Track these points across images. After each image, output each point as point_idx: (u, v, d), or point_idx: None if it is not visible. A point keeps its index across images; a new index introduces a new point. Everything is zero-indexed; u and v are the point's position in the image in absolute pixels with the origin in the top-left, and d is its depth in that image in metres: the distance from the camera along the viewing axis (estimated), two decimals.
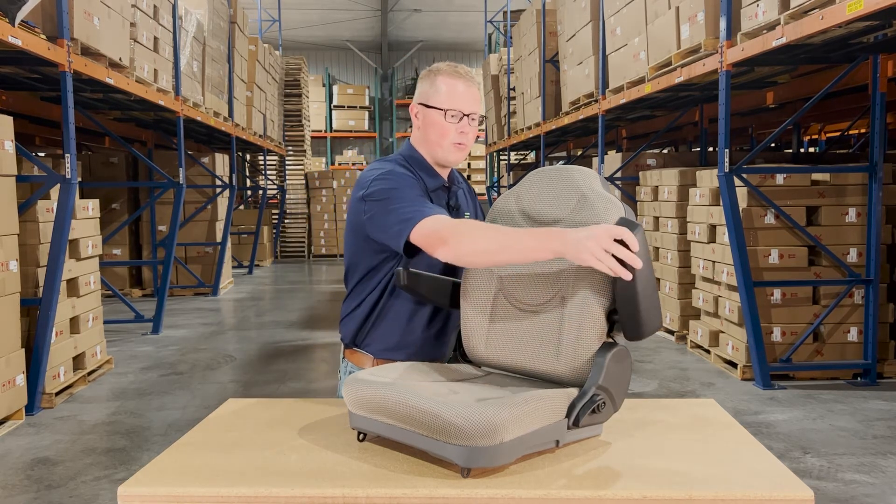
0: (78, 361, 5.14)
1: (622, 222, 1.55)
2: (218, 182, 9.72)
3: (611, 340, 1.68)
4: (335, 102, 20.30)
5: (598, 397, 1.63)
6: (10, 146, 4.26)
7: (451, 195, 2.11)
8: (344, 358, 2.11)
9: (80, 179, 5.84)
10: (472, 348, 1.89)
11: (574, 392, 1.64)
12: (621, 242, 1.51)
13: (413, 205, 1.86)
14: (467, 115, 2.03)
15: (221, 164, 9.95)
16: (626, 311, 1.62)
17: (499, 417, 1.48)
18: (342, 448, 1.66)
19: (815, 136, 11.89)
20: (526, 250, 1.62)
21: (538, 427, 1.55)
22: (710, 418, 1.88)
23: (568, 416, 1.61)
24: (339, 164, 19.41)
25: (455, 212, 2.10)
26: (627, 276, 1.51)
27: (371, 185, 1.94)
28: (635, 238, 1.51)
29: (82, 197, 5.49)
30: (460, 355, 1.97)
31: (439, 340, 2.06)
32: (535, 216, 1.85)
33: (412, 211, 1.83)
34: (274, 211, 14.54)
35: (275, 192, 14.58)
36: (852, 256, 5.06)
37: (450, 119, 2.02)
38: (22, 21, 4.10)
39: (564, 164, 8.44)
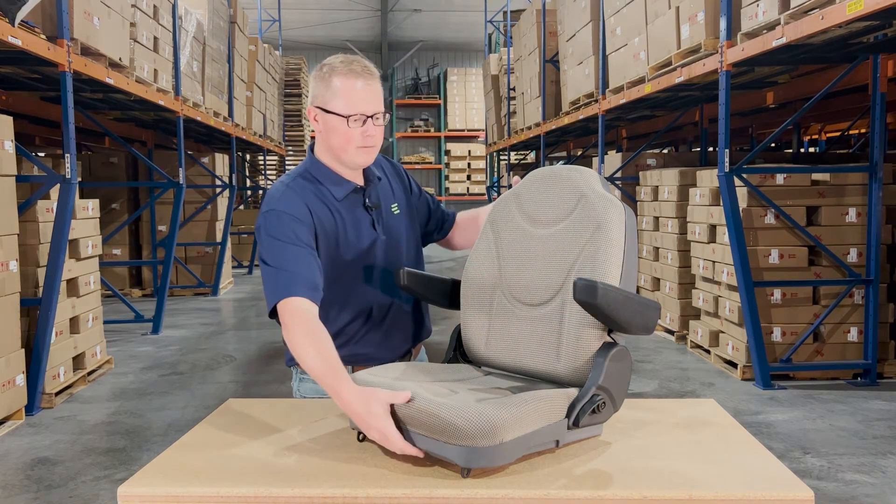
0: (78, 361, 5.13)
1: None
2: (218, 182, 9.72)
3: (611, 340, 1.67)
4: None
5: (599, 397, 1.63)
6: (10, 146, 4.26)
7: (368, 194, 2.02)
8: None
9: (80, 179, 5.84)
10: (472, 348, 1.89)
11: (574, 392, 1.63)
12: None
13: (281, 273, 1.79)
14: (371, 117, 1.90)
15: (221, 164, 9.95)
16: (608, 324, 1.66)
17: (499, 417, 1.48)
18: (342, 448, 1.66)
19: (815, 136, 11.89)
20: (321, 384, 1.69)
21: (538, 427, 1.55)
22: (711, 418, 1.88)
23: (568, 416, 1.61)
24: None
25: (374, 211, 2.01)
26: (417, 453, 1.55)
27: (261, 225, 1.89)
28: (399, 444, 1.54)
29: (82, 197, 5.49)
30: (460, 355, 1.97)
31: (387, 344, 2.04)
32: (535, 217, 1.84)
33: (282, 285, 1.78)
34: None
35: None
36: (852, 256, 5.06)
37: (353, 124, 1.89)
38: (22, 21, 4.10)
39: (564, 164, 8.43)
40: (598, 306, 1.58)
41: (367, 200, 2.01)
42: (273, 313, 1.81)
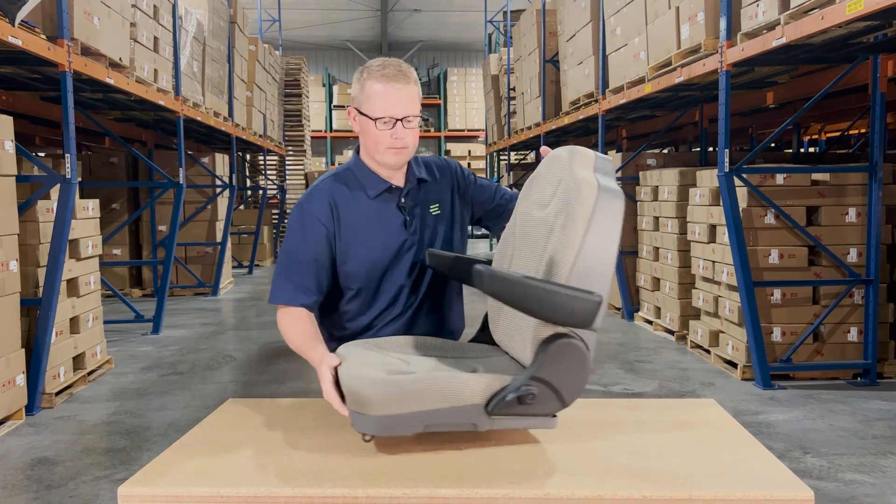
0: (78, 361, 5.13)
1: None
2: (218, 182, 9.72)
3: (563, 332, 1.61)
4: (335, 102, 20.32)
5: (526, 388, 1.59)
6: (10, 146, 4.26)
7: (406, 194, 2.06)
8: None
9: (80, 179, 5.84)
10: (490, 329, 1.96)
11: (507, 380, 1.62)
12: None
13: (287, 281, 1.99)
14: (401, 120, 1.94)
15: (221, 164, 9.95)
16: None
17: (386, 390, 1.56)
18: (342, 448, 1.67)
19: (815, 136, 11.89)
20: (303, 356, 1.91)
21: (439, 407, 1.58)
22: (711, 418, 1.88)
23: (488, 402, 1.61)
24: (339, 164, 19.47)
25: (408, 212, 2.06)
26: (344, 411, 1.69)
27: (290, 216, 2.06)
28: (336, 405, 1.71)
29: (82, 197, 5.48)
30: (487, 336, 2.01)
31: (407, 326, 2.11)
32: (536, 200, 1.85)
33: (282, 289, 1.99)
34: (274, 211, 14.54)
35: (275, 192, 14.59)
36: (852, 256, 5.06)
37: (382, 127, 1.94)
38: (22, 21, 4.10)
39: None
40: (489, 293, 1.60)
41: (401, 200, 2.05)
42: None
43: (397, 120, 1.93)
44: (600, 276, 1.59)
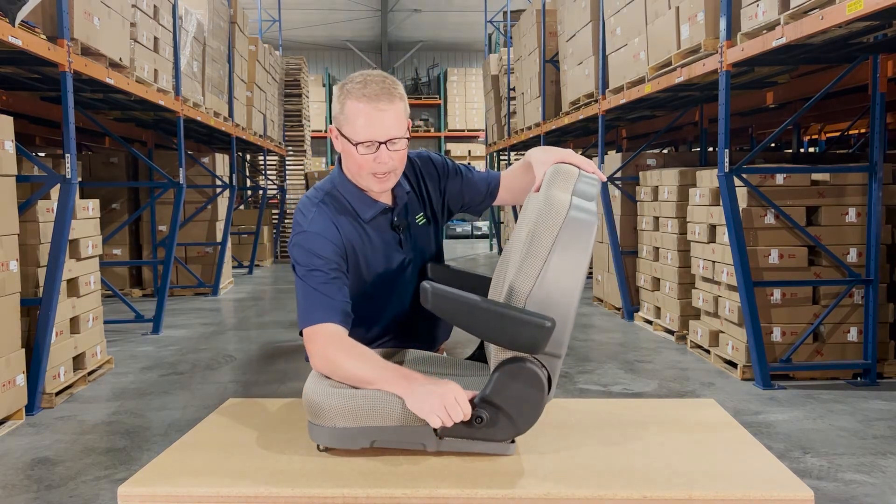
0: (78, 361, 5.13)
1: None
2: (218, 182, 9.72)
3: (522, 356, 1.58)
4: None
5: (476, 412, 1.58)
6: (10, 146, 4.26)
7: (396, 213, 1.96)
8: None
9: (80, 179, 5.84)
10: (485, 347, 1.94)
11: None
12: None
13: (315, 296, 1.75)
14: (385, 143, 1.78)
15: (221, 164, 9.95)
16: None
17: (342, 402, 1.59)
18: (342, 448, 1.66)
19: (815, 136, 11.89)
20: (381, 386, 1.63)
21: (389, 424, 1.60)
22: (711, 418, 1.88)
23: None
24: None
25: (402, 232, 1.97)
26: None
27: (294, 245, 1.85)
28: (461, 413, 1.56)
29: (82, 197, 5.48)
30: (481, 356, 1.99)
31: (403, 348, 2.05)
32: (522, 220, 1.84)
33: (312, 306, 1.75)
34: (274, 211, 14.53)
35: (275, 192, 14.58)
36: (852, 256, 5.06)
37: (364, 151, 1.79)
38: (22, 21, 4.10)
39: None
40: (435, 311, 1.56)
41: (394, 219, 1.96)
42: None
43: (381, 143, 1.79)
44: (562, 301, 1.55)
